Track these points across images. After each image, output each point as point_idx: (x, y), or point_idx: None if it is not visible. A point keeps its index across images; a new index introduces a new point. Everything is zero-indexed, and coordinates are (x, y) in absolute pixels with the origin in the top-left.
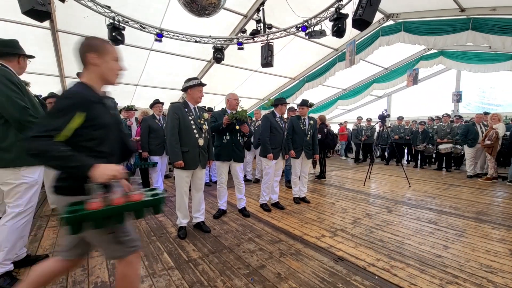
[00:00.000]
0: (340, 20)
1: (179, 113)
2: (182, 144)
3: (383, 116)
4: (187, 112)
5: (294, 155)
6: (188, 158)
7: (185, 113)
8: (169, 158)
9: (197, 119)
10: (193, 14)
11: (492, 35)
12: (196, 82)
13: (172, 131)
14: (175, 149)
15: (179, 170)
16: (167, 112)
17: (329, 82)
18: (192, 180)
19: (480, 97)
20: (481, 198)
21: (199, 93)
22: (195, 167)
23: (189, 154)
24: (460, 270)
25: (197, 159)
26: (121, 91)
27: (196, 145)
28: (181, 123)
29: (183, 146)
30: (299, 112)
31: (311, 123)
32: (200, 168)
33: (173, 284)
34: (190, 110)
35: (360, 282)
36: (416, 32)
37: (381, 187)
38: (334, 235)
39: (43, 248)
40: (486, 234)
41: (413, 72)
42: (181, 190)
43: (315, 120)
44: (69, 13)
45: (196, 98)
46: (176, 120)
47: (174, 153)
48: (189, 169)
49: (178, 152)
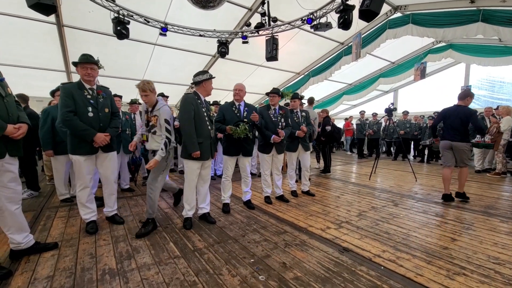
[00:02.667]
0: (346, 12)
1: (194, 104)
2: (196, 135)
3: (390, 109)
4: (200, 104)
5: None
6: (202, 150)
7: (199, 105)
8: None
9: (208, 111)
10: (197, 6)
11: (503, 27)
12: (210, 75)
13: (189, 121)
14: (193, 139)
15: (191, 162)
16: (179, 103)
17: (334, 77)
18: (201, 171)
19: (489, 91)
20: (489, 192)
21: (211, 85)
22: (207, 158)
23: (202, 146)
24: (468, 261)
25: (209, 150)
26: (126, 85)
27: (209, 136)
28: (196, 114)
29: (198, 137)
30: (291, 105)
31: (303, 115)
32: (210, 159)
33: (179, 271)
34: (202, 102)
35: (366, 272)
36: (424, 24)
37: (387, 181)
38: (339, 227)
39: (52, 237)
40: (494, 227)
41: (421, 66)
42: (191, 182)
43: (307, 112)
44: (75, 7)
45: (209, 90)
46: (192, 111)
47: (192, 143)
48: (202, 160)
49: (195, 142)
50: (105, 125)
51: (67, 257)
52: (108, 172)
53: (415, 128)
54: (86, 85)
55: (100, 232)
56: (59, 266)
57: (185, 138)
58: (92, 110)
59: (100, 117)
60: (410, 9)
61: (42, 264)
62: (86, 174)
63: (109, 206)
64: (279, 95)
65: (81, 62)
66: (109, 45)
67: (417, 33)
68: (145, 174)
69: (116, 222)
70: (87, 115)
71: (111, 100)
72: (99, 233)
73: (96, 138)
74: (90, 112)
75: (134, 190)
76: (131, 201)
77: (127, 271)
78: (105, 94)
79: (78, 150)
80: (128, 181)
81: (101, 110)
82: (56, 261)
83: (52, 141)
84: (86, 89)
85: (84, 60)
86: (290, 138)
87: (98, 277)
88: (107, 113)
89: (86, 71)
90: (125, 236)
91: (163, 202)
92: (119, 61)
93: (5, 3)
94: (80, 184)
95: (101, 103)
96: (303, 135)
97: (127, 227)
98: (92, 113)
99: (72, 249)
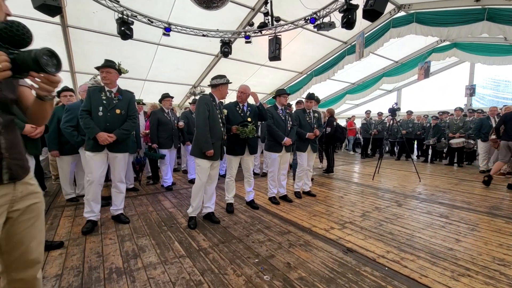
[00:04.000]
0: (350, 11)
1: (210, 105)
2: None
3: (393, 109)
4: (215, 105)
5: (289, 143)
6: (213, 150)
7: (214, 106)
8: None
9: (221, 113)
10: (201, 7)
11: (509, 26)
12: (227, 80)
13: (204, 121)
14: (208, 139)
15: (203, 161)
16: (196, 104)
17: (337, 76)
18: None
19: (494, 90)
20: (494, 193)
21: (227, 89)
22: (217, 158)
23: (214, 146)
24: (472, 263)
25: (219, 150)
26: (129, 86)
27: (221, 137)
28: (210, 115)
29: (211, 137)
30: (306, 106)
31: (316, 116)
32: (219, 160)
33: (185, 271)
34: (216, 104)
35: (370, 272)
36: (428, 23)
37: (390, 181)
38: (343, 228)
39: (59, 236)
40: (499, 228)
41: (425, 65)
42: (201, 180)
43: (319, 113)
44: (79, 8)
45: (224, 94)
46: (207, 112)
47: (206, 142)
48: (213, 160)
49: (210, 142)
50: (113, 125)
51: (74, 256)
52: (115, 172)
53: (418, 128)
54: (106, 88)
55: (106, 231)
56: (67, 265)
57: (199, 137)
58: (102, 110)
59: (108, 118)
60: (414, 8)
61: (50, 262)
62: (94, 169)
63: (115, 205)
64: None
65: (99, 67)
66: (113, 45)
67: (421, 32)
68: (149, 173)
69: (122, 221)
70: (97, 114)
71: (129, 103)
72: (105, 232)
73: (98, 136)
74: (100, 112)
75: (138, 190)
76: (136, 201)
77: (134, 270)
78: (121, 97)
79: (86, 145)
80: (133, 180)
81: (111, 111)
82: (64, 259)
83: (58, 142)
84: (104, 92)
85: (101, 65)
86: (299, 138)
87: (105, 276)
88: (118, 114)
89: (102, 75)
90: (131, 235)
91: (167, 202)
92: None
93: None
94: (88, 178)
95: (113, 104)
96: (313, 138)
97: (132, 226)
98: (101, 113)
99: (79, 248)
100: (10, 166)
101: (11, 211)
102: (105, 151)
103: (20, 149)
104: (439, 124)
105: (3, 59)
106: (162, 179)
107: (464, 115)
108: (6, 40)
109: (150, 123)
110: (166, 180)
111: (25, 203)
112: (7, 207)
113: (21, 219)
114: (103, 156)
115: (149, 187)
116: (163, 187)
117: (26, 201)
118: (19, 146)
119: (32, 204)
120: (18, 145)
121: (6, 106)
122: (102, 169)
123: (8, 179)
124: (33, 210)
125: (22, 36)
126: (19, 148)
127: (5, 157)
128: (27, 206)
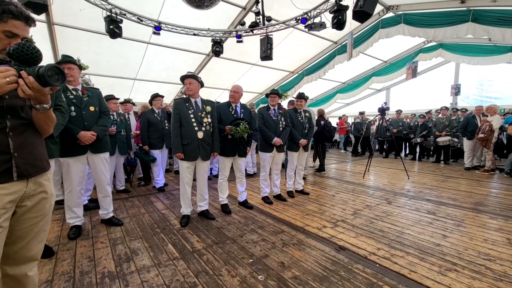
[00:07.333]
0: (340, 12)
1: (179, 108)
2: (182, 137)
3: (383, 109)
4: (187, 107)
5: (279, 143)
6: (188, 150)
7: (185, 108)
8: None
9: (198, 113)
10: (192, 6)
11: (492, 27)
12: (183, 75)
13: (173, 125)
14: (176, 142)
15: (181, 161)
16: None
17: (328, 76)
18: (196, 171)
19: (478, 89)
20: (478, 190)
21: (186, 85)
22: (195, 158)
23: (189, 146)
24: (459, 258)
25: (197, 151)
26: (119, 85)
27: (196, 138)
28: (182, 118)
29: (184, 139)
30: (297, 105)
31: (307, 116)
32: (201, 160)
33: (179, 273)
34: (191, 104)
35: (362, 270)
36: (415, 24)
37: (380, 179)
38: (335, 226)
39: (48, 241)
40: (484, 224)
41: (412, 65)
42: (183, 180)
43: (310, 113)
44: (65, 5)
45: (185, 91)
46: (176, 115)
47: (174, 146)
48: (190, 160)
49: (178, 145)
50: (91, 123)
51: (65, 261)
52: (99, 174)
53: (405, 127)
54: (69, 86)
55: (97, 234)
56: (57, 271)
57: (171, 140)
58: (75, 110)
59: (84, 116)
60: (402, 9)
61: (40, 268)
62: (74, 177)
63: (104, 208)
64: (279, 96)
65: (59, 62)
66: (101, 44)
67: (409, 33)
68: (140, 174)
69: (114, 224)
70: (70, 115)
71: (99, 99)
72: (96, 235)
73: (80, 137)
74: (72, 112)
75: (130, 191)
76: (127, 203)
77: (127, 273)
78: (90, 93)
79: (67, 152)
80: (124, 182)
81: (85, 109)
82: (54, 265)
83: None
84: (69, 90)
85: (60, 60)
86: (291, 137)
87: (97, 281)
88: (92, 111)
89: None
90: (123, 238)
91: (159, 203)
92: (112, 60)
93: None
94: (67, 186)
95: (85, 102)
96: (305, 144)
97: (124, 229)
98: (74, 113)
99: (69, 252)
100: (19, 165)
101: (20, 205)
102: (86, 154)
103: (32, 149)
104: (426, 123)
105: (11, 73)
106: (154, 180)
107: (450, 113)
108: (17, 59)
109: (141, 124)
110: (158, 181)
111: (34, 200)
112: (17, 202)
113: (27, 216)
114: (83, 160)
115: (141, 188)
116: (155, 188)
117: (36, 199)
118: (31, 146)
119: (41, 203)
120: (30, 146)
121: (15, 111)
122: (83, 174)
123: (17, 177)
124: (40, 209)
125: (31, 55)
126: (30, 148)
127: (14, 156)
128: (36, 203)
